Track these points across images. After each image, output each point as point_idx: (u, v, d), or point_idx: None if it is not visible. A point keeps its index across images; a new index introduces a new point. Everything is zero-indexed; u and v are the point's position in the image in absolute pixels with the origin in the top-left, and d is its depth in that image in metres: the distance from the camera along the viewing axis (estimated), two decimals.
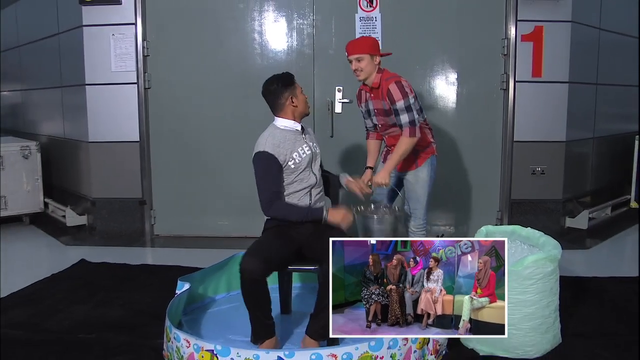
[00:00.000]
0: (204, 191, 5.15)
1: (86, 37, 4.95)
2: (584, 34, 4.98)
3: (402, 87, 3.35)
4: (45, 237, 5.31)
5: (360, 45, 3.40)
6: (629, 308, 3.39)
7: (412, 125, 3.35)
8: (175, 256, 4.55)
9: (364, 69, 3.38)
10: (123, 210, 5.15)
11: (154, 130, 5.10)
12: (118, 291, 3.72)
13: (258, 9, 4.95)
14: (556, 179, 4.96)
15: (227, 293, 3.52)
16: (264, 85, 3.02)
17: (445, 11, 4.88)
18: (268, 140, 2.92)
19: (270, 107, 3.05)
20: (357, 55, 3.37)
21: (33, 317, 3.29)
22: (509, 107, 4.86)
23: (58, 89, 5.63)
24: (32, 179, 5.61)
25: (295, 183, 2.98)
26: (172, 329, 2.64)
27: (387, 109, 3.42)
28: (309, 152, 3.03)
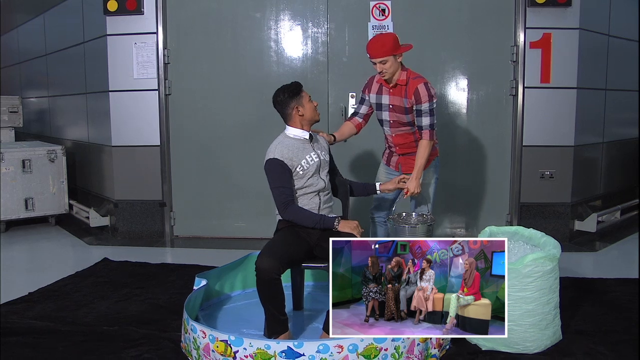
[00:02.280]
0: (221, 194, 5.30)
1: (110, 46, 5.14)
2: (592, 40, 5.06)
3: (429, 89, 3.43)
4: (70, 237, 5.50)
5: (383, 48, 3.38)
6: (630, 307, 3.47)
7: (432, 128, 3.47)
8: (194, 256, 4.71)
9: (389, 69, 3.41)
10: (144, 212, 5.32)
11: (174, 135, 5.27)
12: (139, 288, 3.89)
13: (274, 18, 5.11)
14: (565, 183, 5.04)
15: (243, 290, 3.66)
16: (273, 96, 3.17)
17: (455, 19, 5.01)
18: (277, 148, 3.09)
19: (280, 116, 3.21)
20: (381, 58, 3.38)
21: (59, 310, 3.48)
22: (518, 113, 4.97)
23: (83, 96, 5.82)
24: (58, 182, 5.80)
25: (305, 187, 3.14)
26: (189, 321, 2.81)
27: (408, 107, 3.47)
28: (316, 159, 3.17)
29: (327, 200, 3.25)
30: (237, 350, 2.58)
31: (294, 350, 2.53)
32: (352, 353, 2.54)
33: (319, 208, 3.18)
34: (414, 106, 3.47)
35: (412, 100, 3.45)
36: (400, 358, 2.62)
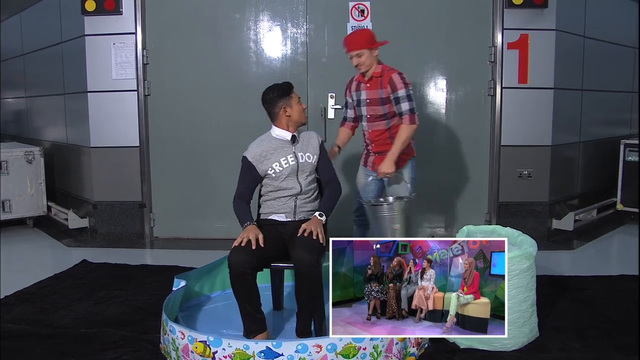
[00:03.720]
0: (201, 195, 5.29)
1: (88, 46, 5.10)
2: (568, 41, 5.13)
3: (403, 77, 3.53)
4: (48, 239, 5.44)
5: (358, 41, 3.52)
6: (605, 304, 3.54)
7: (412, 112, 3.53)
8: (174, 257, 4.68)
9: (365, 62, 3.52)
10: (123, 213, 5.28)
11: (154, 135, 5.24)
12: (118, 289, 3.87)
13: (254, 18, 5.11)
14: (543, 182, 5.10)
15: (223, 291, 3.65)
16: (262, 93, 3.17)
17: (434, 20, 5.05)
18: (253, 147, 3.15)
19: (267, 114, 3.21)
20: (357, 51, 3.50)
21: (37, 313, 3.45)
22: (496, 113, 5.02)
23: (61, 96, 5.77)
24: (36, 183, 5.73)
25: (280, 191, 3.15)
26: (168, 322, 2.80)
27: (384, 97, 3.55)
28: (292, 162, 3.15)
29: (305, 204, 3.20)
30: (216, 350, 2.58)
31: (273, 350, 2.54)
32: (330, 352, 2.55)
33: (294, 212, 3.16)
34: (390, 96, 3.54)
35: (388, 89, 3.53)
36: (379, 357, 2.63)
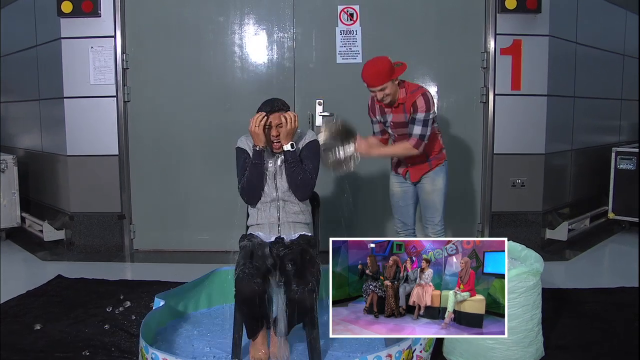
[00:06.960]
0: (183, 205, 5.11)
1: (64, 50, 4.90)
2: (561, 47, 5.05)
3: (428, 99, 3.41)
4: (22, 252, 5.22)
5: (380, 74, 3.33)
6: (606, 318, 3.45)
7: (421, 139, 3.42)
8: (155, 271, 4.50)
9: (390, 93, 3.39)
10: (102, 224, 5.08)
11: (133, 144, 5.05)
12: (95, 308, 3.65)
13: (238, 22, 4.94)
14: (536, 191, 5.00)
15: (208, 309, 3.49)
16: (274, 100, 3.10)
17: (425, 25, 4.92)
18: (243, 140, 3.14)
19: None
20: (380, 86, 3.35)
21: (7, 335, 3.21)
22: (488, 120, 4.90)
23: (36, 102, 5.56)
24: (9, 193, 5.51)
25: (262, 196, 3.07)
26: (148, 349, 2.60)
27: (410, 120, 3.46)
28: (270, 167, 3.07)
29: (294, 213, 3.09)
30: None
31: None
32: None
33: (278, 220, 3.06)
34: (413, 115, 3.44)
35: (412, 111, 3.43)
36: None
